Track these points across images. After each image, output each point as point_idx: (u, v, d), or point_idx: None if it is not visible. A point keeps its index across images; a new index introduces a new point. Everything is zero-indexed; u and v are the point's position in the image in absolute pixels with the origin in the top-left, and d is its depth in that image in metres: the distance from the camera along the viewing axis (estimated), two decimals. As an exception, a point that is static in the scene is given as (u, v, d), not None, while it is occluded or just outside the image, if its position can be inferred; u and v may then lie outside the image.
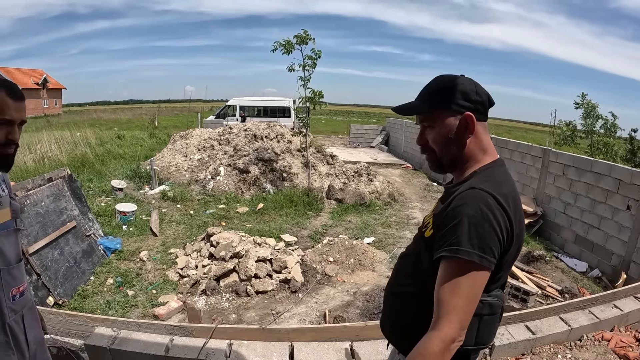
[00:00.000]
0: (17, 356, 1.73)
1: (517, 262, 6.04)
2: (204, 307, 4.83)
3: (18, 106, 1.63)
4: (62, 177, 5.92)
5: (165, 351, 2.90)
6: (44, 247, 4.84)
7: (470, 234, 1.26)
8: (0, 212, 1.71)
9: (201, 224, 7.71)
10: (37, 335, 1.90)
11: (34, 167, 11.49)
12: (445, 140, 1.46)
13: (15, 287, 1.73)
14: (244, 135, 11.63)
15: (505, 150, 9.26)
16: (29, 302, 1.85)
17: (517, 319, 3.53)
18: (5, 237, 1.70)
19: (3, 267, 1.66)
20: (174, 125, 27.43)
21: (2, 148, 1.60)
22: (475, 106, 1.43)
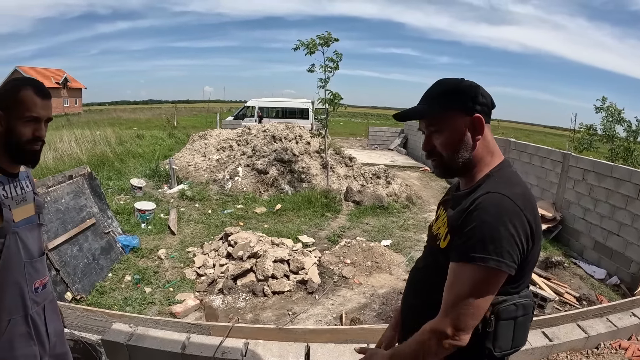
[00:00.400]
0: (37, 347, 1.77)
1: (535, 268, 5.94)
2: (221, 306, 4.84)
3: (45, 104, 1.69)
4: (82, 175, 5.99)
5: (182, 349, 2.90)
6: (64, 243, 4.90)
7: (485, 239, 1.24)
8: (25, 207, 1.79)
9: (219, 224, 7.74)
10: (57, 328, 1.95)
11: (54, 165, 11.66)
12: (455, 143, 1.42)
13: (38, 279, 1.80)
14: (262, 136, 11.65)
15: (524, 154, 9.13)
16: (50, 295, 1.91)
17: (534, 325, 3.46)
18: (29, 231, 1.77)
19: (26, 260, 1.72)
20: (192, 126, 27.64)
21: (29, 144, 1.68)
22: (482, 108, 1.41)
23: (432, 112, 1.44)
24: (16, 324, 1.71)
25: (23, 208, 1.78)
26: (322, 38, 8.99)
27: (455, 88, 1.42)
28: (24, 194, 1.80)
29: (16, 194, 1.76)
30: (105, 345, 2.90)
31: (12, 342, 1.68)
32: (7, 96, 1.66)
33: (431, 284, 1.47)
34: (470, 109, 1.39)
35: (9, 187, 1.73)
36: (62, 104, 59.71)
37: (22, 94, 1.65)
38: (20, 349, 1.71)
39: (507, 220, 1.24)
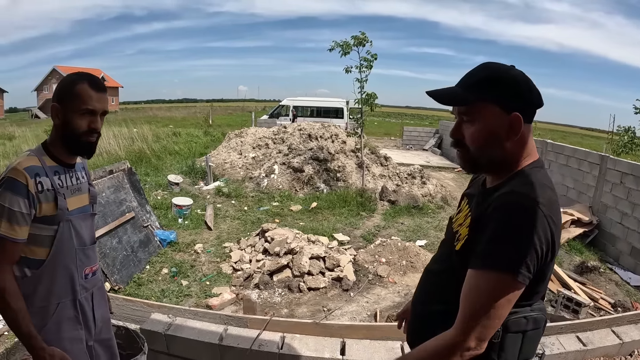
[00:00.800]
0: (84, 331, 1.84)
1: (571, 272, 5.80)
2: (257, 301, 4.87)
3: (99, 97, 1.76)
4: (122, 170, 6.14)
5: (219, 340, 2.94)
6: (104, 235, 5.03)
7: (508, 248, 1.17)
8: (80, 196, 1.88)
9: (255, 220, 7.81)
10: (104, 314, 2.02)
11: (94, 160, 11.96)
12: (486, 139, 1.29)
13: (89, 266, 1.87)
14: (298, 134, 11.70)
15: (561, 156, 8.89)
16: (99, 282, 1.99)
17: (569, 329, 3.38)
18: (83, 220, 1.86)
19: (78, 247, 1.80)
20: (227, 124, 27.97)
21: (84, 136, 1.76)
22: (525, 106, 1.27)
23: (464, 99, 1.30)
24: (65, 308, 1.78)
25: (78, 197, 1.86)
26: (357, 39, 9.02)
27: (499, 78, 1.27)
28: (79, 184, 1.88)
29: (71, 183, 1.83)
30: (143, 335, 2.96)
31: (59, 324, 1.75)
32: (64, 90, 1.73)
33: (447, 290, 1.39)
34: (509, 106, 1.25)
35: (65, 177, 1.80)
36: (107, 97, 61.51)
37: (78, 87, 1.71)
38: (67, 331, 1.78)
39: (533, 229, 1.15)
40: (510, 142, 1.28)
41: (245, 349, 2.87)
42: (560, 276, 5.52)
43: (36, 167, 1.68)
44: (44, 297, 1.74)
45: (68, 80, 1.76)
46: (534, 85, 1.29)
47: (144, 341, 2.59)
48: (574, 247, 6.84)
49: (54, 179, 1.73)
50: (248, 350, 2.85)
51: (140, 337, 2.60)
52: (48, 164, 1.74)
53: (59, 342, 1.73)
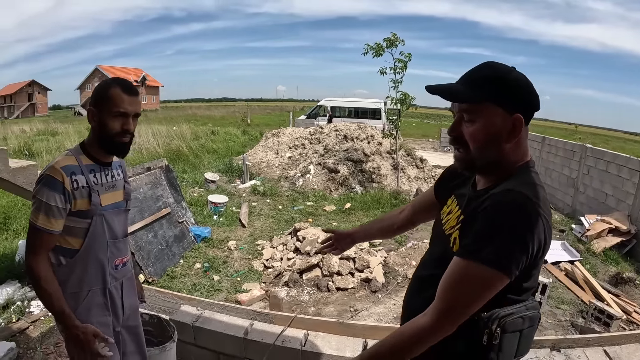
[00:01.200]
0: (112, 317, 1.98)
1: (604, 283, 5.63)
2: (285, 298, 4.95)
3: (131, 100, 1.87)
4: (159, 167, 6.32)
5: (244, 334, 3.01)
6: (140, 229, 5.21)
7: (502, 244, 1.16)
8: (114, 193, 2.02)
9: (289, 219, 7.89)
10: (132, 303, 2.16)
11: (133, 157, 12.33)
12: (486, 139, 1.28)
13: (119, 258, 2.02)
14: (334, 135, 11.76)
15: (601, 161, 8.53)
16: (129, 273, 2.12)
17: (596, 342, 3.27)
18: (116, 215, 2.01)
19: (110, 240, 1.95)
20: (265, 123, 28.28)
21: (118, 137, 1.87)
22: (525, 107, 1.27)
23: (469, 97, 1.28)
24: (95, 295, 1.93)
25: (112, 194, 2.00)
26: (388, 40, 9.02)
27: (503, 79, 1.26)
28: (114, 182, 2.02)
29: (106, 181, 1.97)
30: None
31: (89, 310, 1.89)
32: (99, 94, 1.86)
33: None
34: (512, 107, 1.25)
35: (101, 174, 1.95)
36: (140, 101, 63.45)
37: (111, 91, 1.83)
38: (95, 316, 1.91)
39: (528, 228, 1.16)
40: (509, 144, 1.28)
41: (268, 344, 2.94)
42: (593, 287, 5.37)
43: (72, 166, 1.83)
44: (76, 284, 1.89)
45: (102, 86, 1.89)
46: (534, 89, 1.29)
47: (174, 330, 2.71)
48: (610, 257, 6.63)
49: (89, 177, 1.88)
50: (271, 346, 2.92)
51: (171, 325, 2.72)
52: (84, 163, 1.89)
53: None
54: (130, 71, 66.35)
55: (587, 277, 5.54)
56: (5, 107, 63.26)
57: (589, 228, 7.37)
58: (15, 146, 14.87)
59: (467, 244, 1.24)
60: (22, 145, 15.22)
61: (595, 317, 4.65)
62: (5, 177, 3.60)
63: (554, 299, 5.10)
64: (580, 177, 9.08)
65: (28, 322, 4.00)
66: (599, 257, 6.52)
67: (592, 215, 7.85)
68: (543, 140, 11.34)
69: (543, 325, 4.55)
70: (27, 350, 3.61)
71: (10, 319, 4.05)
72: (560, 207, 9.71)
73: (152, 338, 2.73)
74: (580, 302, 5.11)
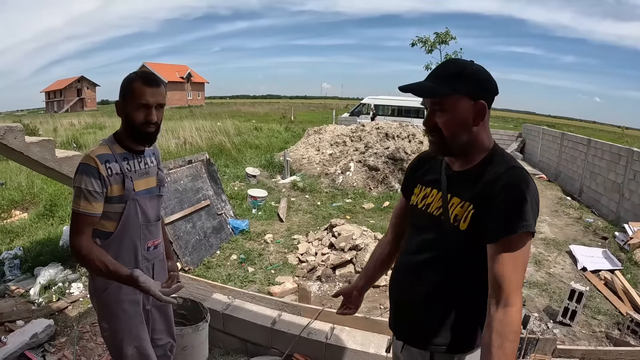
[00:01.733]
0: (142, 296, 2.11)
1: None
2: (317, 292, 5.00)
3: (153, 91, 1.96)
4: (200, 161, 6.48)
5: (272, 324, 3.08)
6: (179, 219, 5.39)
7: (532, 209, 1.35)
8: (147, 179, 2.14)
9: (326, 215, 7.92)
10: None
11: (177, 150, 12.65)
12: (457, 125, 1.47)
13: (151, 240, 2.15)
14: (375, 133, 11.72)
15: None
16: (160, 255, 2.26)
17: (629, 356, 3.17)
18: (149, 199, 2.14)
19: (143, 223, 2.08)
20: (309, 120, 28.43)
21: (142, 127, 1.98)
22: (487, 94, 1.46)
23: (439, 92, 1.46)
24: None
25: (145, 180, 2.12)
26: (440, 36, 8.83)
27: (465, 72, 1.46)
28: (147, 169, 2.14)
29: (139, 168, 2.10)
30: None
31: (121, 287, 2.00)
32: (123, 89, 1.98)
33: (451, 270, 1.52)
34: (476, 94, 1.44)
35: (133, 162, 2.07)
36: (186, 96, 65.07)
37: (133, 85, 1.94)
38: (127, 294, 2.05)
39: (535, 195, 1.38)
40: (477, 127, 1.48)
41: (294, 335, 2.99)
42: (632, 298, 5.16)
43: (107, 154, 1.96)
44: None
45: (126, 80, 1.99)
46: (491, 77, 1.49)
47: (207, 312, 2.81)
48: (654, 268, 6.38)
49: (122, 164, 2.00)
50: (297, 337, 2.97)
51: (204, 308, 2.83)
52: (118, 152, 2.01)
53: (119, 302, 2.05)
54: (176, 68, 67.93)
55: (626, 288, 5.34)
56: (55, 101, 66.26)
57: (632, 236, 7.08)
58: (63, 139, 15.52)
59: (506, 221, 1.36)
60: (71, 137, 15.88)
61: (632, 330, 4.46)
62: (52, 166, 3.80)
63: (591, 309, 4.93)
64: (626, 183, 8.68)
65: (67, 303, 4.23)
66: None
67: (636, 222, 7.54)
68: (588, 142, 10.95)
69: (576, 335, 4.42)
70: (64, 328, 3.81)
71: (50, 299, 4.28)
72: (604, 213, 9.30)
73: (186, 321, 2.85)
74: (618, 314, 4.91)
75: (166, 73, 62.71)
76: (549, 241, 7.24)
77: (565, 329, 4.51)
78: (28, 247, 5.47)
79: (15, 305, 4.06)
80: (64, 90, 65.95)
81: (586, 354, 3.12)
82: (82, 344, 3.59)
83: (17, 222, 6.93)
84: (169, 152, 12.46)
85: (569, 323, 4.55)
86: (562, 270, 6.03)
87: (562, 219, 8.82)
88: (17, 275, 4.88)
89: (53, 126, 21.11)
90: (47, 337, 3.54)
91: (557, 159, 13.36)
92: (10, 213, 7.73)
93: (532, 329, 4.22)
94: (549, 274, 5.88)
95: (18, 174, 10.07)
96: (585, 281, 5.65)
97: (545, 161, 14.86)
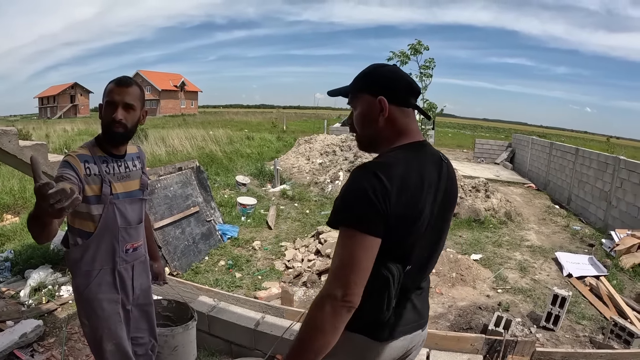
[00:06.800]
0: (121, 295, 2.19)
1: (630, 300, 5.54)
2: (302, 297, 5.10)
3: (120, 90, 2.02)
4: (190, 168, 6.61)
5: (255, 325, 3.19)
6: (168, 225, 5.49)
7: (347, 205, 1.33)
8: (129, 182, 2.19)
9: (314, 223, 8.02)
10: (143, 284, 2.36)
11: (167, 158, 12.75)
12: (363, 120, 1.56)
13: (130, 243, 2.21)
14: (365, 142, 11.86)
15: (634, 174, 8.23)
16: (141, 257, 2.32)
17: (608, 357, 3.30)
18: (129, 203, 2.18)
19: (122, 226, 2.14)
20: (301, 130, 28.61)
21: (109, 125, 2.04)
22: (387, 91, 1.50)
23: (351, 91, 1.59)
24: (105, 274, 2.15)
25: (125, 183, 2.17)
26: (413, 47, 8.97)
27: (371, 72, 1.56)
28: (127, 172, 2.18)
29: (119, 171, 2.14)
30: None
31: (100, 286, 2.12)
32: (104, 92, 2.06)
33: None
34: (375, 92, 1.51)
35: (113, 165, 2.12)
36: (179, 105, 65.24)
37: (107, 86, 2.04)
38: (105, 293, 2.14)
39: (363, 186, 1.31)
40: (381, 121, 1.52)
41: (277, 337, 3.09)
42: (617, 303, 5.30)
43: (86, 155, 2.03)
44: (89, 263, 2.10)
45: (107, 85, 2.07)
46: (398, 76, 1.55)
47: (194, 311, 2.91)
48: (639, 274, 6.54)
49: (101, 167, 2.06)
50: (280, 338, 3.07)
51: (190, 307, 2.93)
52: (98, 154, 2.08)
53: (99, 301, 2.12)
54: (170, 76, 68.07)
55: (611, 293, 5.47)
56: (49, 107, 66.24)
57: (618, 243, 7.25)
58: (56, 145, 15.58)
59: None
60: (63, 143, 15.94)
61: (615, 334, 4.56)
62: (44, 170, 3.89)
63: (575, 314, 5.05)
64: (613, 191, 8.91)
65: (57, 304, 4.31)
66: (627, 273, 6.40)
67: (623, 230, 7.72)
68: (577, 152, 11.20)
69: (560, 340, 4.53)
70: (53, 329, 3.89)
71: (40, 301, 4.37)
72: (592, 221, 9.53)
73: (172, 322, 2.95)
74: (602, 319, 5.04)
75: (160, 81, 62.88)
76: (535, 248, 7.42)
77: (548, 333, 4.61)
78: (19, 250, 5.54)
79: (5, 306, 4.16)
80: (58, 96, 65.93)
81: (565, 356, 3.22)
82: (70, 344, 3.68)
83: (9, 226, 6.98)
84: (160, 160, 12.56)
85: (552, 328, 4.65)
86: (547, 277, 6.19)
87: (550, 227, 9.02)
88: (7, 277, 4.95)
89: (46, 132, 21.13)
90: (36, 337, 3.62)
91: (546, 168, 13.63)
92: (1, 217, 7.79)
93: (513, 333, 4.33)
94: (534, 280, 6.03)
95: (10, 178, 10.11)
96: (570, 287, 5.80)
97: (535, 170, 15.12)
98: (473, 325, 4.69)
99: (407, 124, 1.55)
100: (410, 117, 1.57)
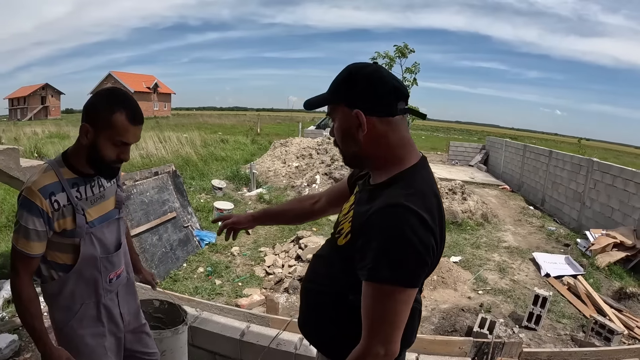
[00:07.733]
0: (109, 326, 1.97)
1: (607, 298, 5.62)
2: (285, 304, 5.02)
3: (136, 130, 1.75)
4: (167, 172, 6.46)
5: (241, 335, 3.09)
6: (145, 231, 5.36)
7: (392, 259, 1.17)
8: (102, 204, 1.91)
9: (293, 228, 7.90)
10: (130, 308, 2.13)
11: (142, 162, 12.52)
12: (342, 135, 1.36)
13: (113, 272, 1.96)
14: (341, 146, 11.85)
15: (607, 175, 8.54)
16: (123, 280, 2.07)
17: (593, 356, 3.31)
18: (106, 227, 1.92)
19: (102, 256, 1.88)
20: (275, 133, 28.53)
21: (112, 163, 1.78)
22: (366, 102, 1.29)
23: (328, 100, 1.38)
24: (88, 308, 1.90)
25: (100, 206, 1.89)
26: (399, 49, 8.94)
27: (350, 77, 1.33)
28: (101, 192, 1.90)
29: (92, 193, 1.85)
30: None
31: (82, 321, 1.88)
32: (101, 116, 1.68)
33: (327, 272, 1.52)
34: (351, 103, 1.30)
35: (85, 188, 1.82)
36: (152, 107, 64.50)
37: (116, 117, 1.67)
38: (88, 328, 1.90)
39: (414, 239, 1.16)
40: (364, 138, 1.31)
41: (263, 346, 3.01)
42: (595, 301, 5.38)
43: (51, 185, 1.70)
44: (69, 298, 1.85)
45: (105, 106, 1.70)
46: (382, 80, 1.30)
47: (186, 314, 2.79)
48: (614, 272, 6.63)
49: (71, 193, 1.75)
50: (266, 348, 2.99)
51: (182, 310, 2.80)
52: (66, 177, 1.75)
53: (81, 337, 1.89)
54: (143, 78, 67.32)
55: (589, 292, 5.56)
56: (19, 108, 64.71)
57: (593, 242, 7.38)
58: (26, 148, 15.15)
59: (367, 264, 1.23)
60: (33, 147, 15.52)
61: (596, 331, 4.64)
62: (16, 176, 3.73)
63: (555, 313, 5.13)
64: (586, 192, 9.10)
65: (33, 318, 4.12)
66: (603, 272, 6.53)
67: (597, 229, 7.86)
68: (550, 154, 11.40)
69: (542, 339, 4.60)
70: (29, 343, 3.72)
71: (14, 314, 4.17)
72: (566, 222, 9.73)
73: (163, 325, 2.81)
74: (582, 317, 5.13)
75: (133, 83, 62.01)
76: (512, 249, 7.50)
77: (531, 333, 4.69)
78: (-10, 259, 5.33)
79: (-25, 321, 3.96)
80: (28, 97, 64.54)
81: (552, 355, 3.23)
82: (46, 359, 3.53)
83: (-22, 235, 6.74)
84: (134, 165, 12.31)
85: (534, 327, 4.74)
86: (526, 277, 6.26)
87: (525, 228, 9.14)
88: (-23, 289, 4.75)
89: (15, 134, 20.55)
90: (11, 352, 3.46)
91: (520, 170, 13.85)
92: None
93: (498, 334, 4.36)
94: (513, 280, 6.09)
95: (-22, 186, 9.78)
96: (549, 287, 5.88)
97: (509, 172, 15.35)
98: (458, 328, 4.70)
99: (401, 137, 1.35)
100: (401, 126, 1.34)
